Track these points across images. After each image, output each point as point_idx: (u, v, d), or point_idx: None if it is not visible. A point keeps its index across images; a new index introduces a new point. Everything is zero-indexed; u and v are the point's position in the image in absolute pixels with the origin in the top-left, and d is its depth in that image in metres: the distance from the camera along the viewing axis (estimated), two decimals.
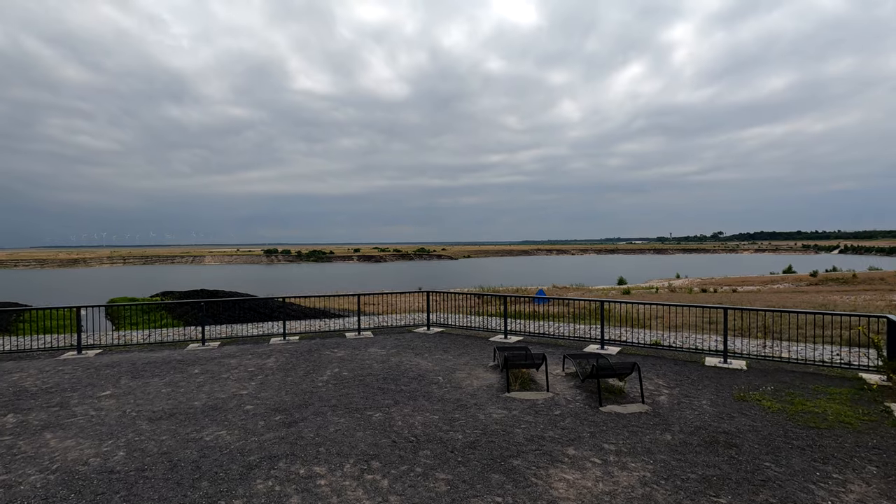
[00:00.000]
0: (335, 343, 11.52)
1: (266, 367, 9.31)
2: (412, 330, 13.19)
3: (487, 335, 12.35)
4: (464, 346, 11.11)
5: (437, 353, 10.31)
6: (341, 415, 6.60)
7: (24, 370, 9.26)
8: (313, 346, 11.24)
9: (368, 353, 10.44)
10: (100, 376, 8.78)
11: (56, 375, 8.86)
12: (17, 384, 8.32)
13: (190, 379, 8.50)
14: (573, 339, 11.38)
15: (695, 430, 5.94)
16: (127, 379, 8.57)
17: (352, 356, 10.12)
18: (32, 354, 10.77)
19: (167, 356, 10.34)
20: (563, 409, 6.76)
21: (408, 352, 10.49)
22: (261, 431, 6.04)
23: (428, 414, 6.61)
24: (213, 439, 5.81)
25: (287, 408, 6.91)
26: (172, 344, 11.78)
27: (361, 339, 11.92)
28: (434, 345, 11.22)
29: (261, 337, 12.44)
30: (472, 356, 10.04)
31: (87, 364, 9.71)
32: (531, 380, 8.06)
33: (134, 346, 11.66)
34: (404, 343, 11.43)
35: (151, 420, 6.50)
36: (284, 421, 6.38)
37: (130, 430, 6.14)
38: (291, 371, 8.96)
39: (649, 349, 10.42)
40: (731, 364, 9.06)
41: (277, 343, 11.62)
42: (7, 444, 5.79)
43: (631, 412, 6.59)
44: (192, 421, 6.44)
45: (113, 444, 5.70)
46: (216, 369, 9.16)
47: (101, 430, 6.18)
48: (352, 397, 7.36)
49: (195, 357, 10.21)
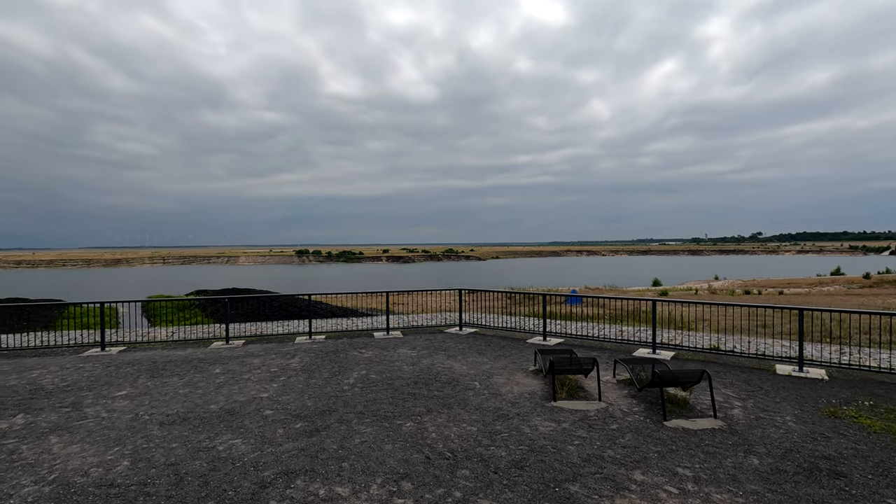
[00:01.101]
0: (363, 343, 10.89)
1: (289, 367, 8.74)
2: (443, 330, 12.45)
3: (524, 336, 11.49)
4: (500, 347, 10.29)
5: (471, 356, 9.53)
6: (368, 423, 5.90)
7: (46, 367, 8.97)
8: (340, 345, 10.63)
9: (398, 354, 9.75)
10: (119, 374, 8.38)
11: (75, 373, 8.51)
12: (36, 382, 7.99)
13: (209, 379, 7.99)
14: (619, 341, 10.41)
15: (786, 454, 4.97)
16: (145, 378, 8.13)
17: (380, 357, 9.45)
18: (58, 351, 10.55)
19: (189, 354, 9.92)
20: (621, 422, 5.87)
21: (440, 353, 9.75)
22: (279, 441, 5.40)
23: (465, 425, 5.84)
24: (227, 449, 5.20)
25: (309, 414, 6.26)
26: (196, 342, 11.40)
27: (390, 340, 11.26)
28: (467, 346, 10.44)
29: (286, 336, 11.94)
30: (510, 359, 9.22)
31: (108, 361, 9.36)
32: (579, 387, 7.19)
33: (158, 343, 11.33)
34: (435, 344, 10.69)
35: (163, 425, 5.96)
36: (305, 429, 5.73)
37: (140, 436, 5.60)
38: (316, 372, 8.35)
39: (707, 354, 9.36)
40: (808, 373, 7.94)
41: (303, 342, 11.08)
42: (10, 448, 5.33)
43: (702, 428, 5.65)
44: (206, 427, 5.87)
45: (118, 452, 5.16)
46: (238, 369, 8.64)
47: (109, 434, 5.67)
48: (380, 403, 6.66)
49: (217, 356, 9.74)
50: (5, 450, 5.28)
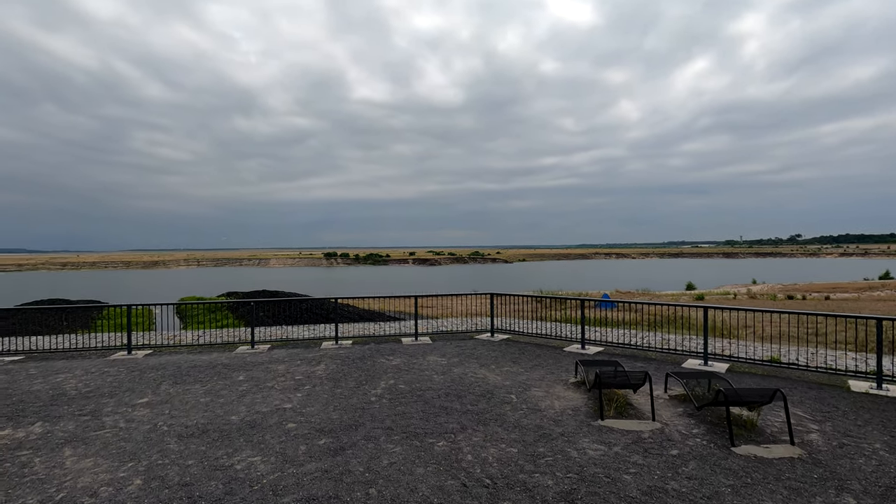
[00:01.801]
0: (390, 349, 10.44)
1: (315, 375, 8.35)
2: (474, 336, 11.89)
3: (560, 344, 10.82)
4: (535, 356, 9.66)
5: (504, 365, 8.94)
6: (397, 441, 5.40)
7: (71, 371, 8.84)
8: (367, 352, 10.21)
9: (427, 361, 9.25)
10: (142, 380, 8.14)
11: (99, 378, 8.33)
12: (59, 386, 7.82)
13: (232, 387, 7.66)
14: (665, 351, 9.63)
15: (887, 492, 4.22)
16: (168, 384, 7.86)
17: (409, 365, 8.97)
18: (86, 354, 10.46)
19: (214, 359, 9.66)
20: (681, 447, 5.19)
21: (471, 362, 9.20)
22: (301, 460, 4.95)
23: (504, 445, 5.27)
24: (245, 468, 4.78)
25: (334, 428, 5.81)
26: (222, 346, 11.17)
27: (419, 346, 10.77)
28: (500, 354, 9.86)
29: (312, 340, 11.60)
30: (547, 369, 8.60)
31: (133, 366, 9.18)
32: (628, 403, 6.52)
33: (184, 346, 11.15)
34: (466, 351, 10.15)
35: (181, 438, 5.61)
36: (330, 447, 5.27)
37: (156, 450, 5.25)
38: (342, 381, 7.92)
39: (766, 367, 8.52)
40: (888, 391, 7.05)
41: (329, 347, 10.71)
42: (23, 460, 5.05)
43: (778, 457, 4.92)
44: (226, 441, 5.48)
45: (132, 469, 4.81)
46: (261, 376, 8.30)
47: (124, 447, 5.34)
48: (410, 418, 6.16)
49: (242, 361, 9.45)
50: (18, 462, 5.01)
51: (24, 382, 8.11)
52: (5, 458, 5.10)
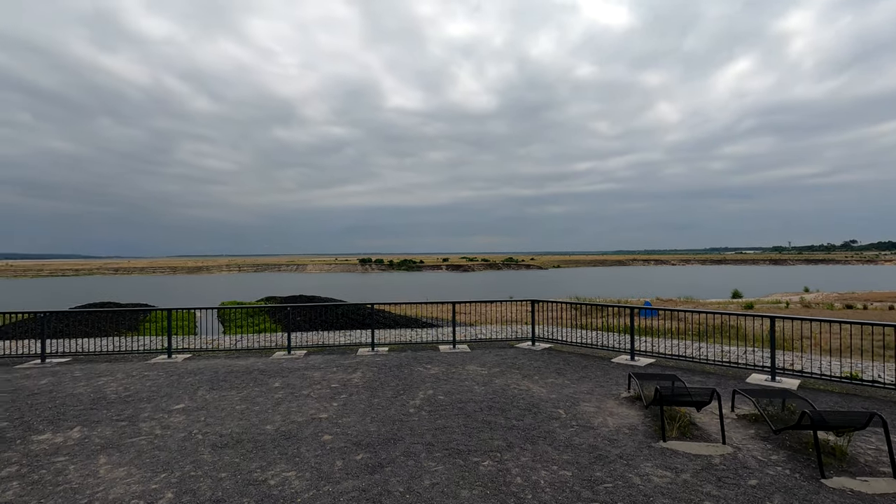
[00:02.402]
0: (428, 357, 10.08)
1: (351, 383, 8.07)
2: (514, 345, 11.40)
3: (607, 354, 10.19)
4: (581, 367, 9.10)
5: (549, 376, 8.43)
6: (439, 459, 5.01)
7: (113, 374, 8.90)
8: (404, 359, 9.89)
9: (466, 371, 8.84)
10: (180, 385, 8.08)
11: (139, 382, 8.32)
12: (101, 390, 7.84)
13: (268, 394, 7.47)
14: (724, 364, 8.86)
15: None
16: (205, 390, 7.76)
17: (447, 374, 8.58)
18: (128, 357, 10.59)
19: (251, 364, 9.56)
20: (760, 476, 4.57)
21: (513, 372, 8.73)
22: (337, 476, 4.63)
23: (555, 467, 4.79)
24: (279, 484, 4.50)
25: (372, 442, 5.48)
26: (259, 351, 11.11)
27: (457, 354, 10.37)
28: (543, 364, 9.34)
29: (348, 347, 11.39)
30: (596, 381, 8.03)
31: (172, 370, 9.17)
32: (691, 423, 5.91)
33: (222, 351, 11.14)
34: (507, 361, 9.67)
35: (215, 448, 5.40)
36: (367, 463, 4.93)
37: (189, 461, 5.05)
38: (379, 390, 7.61)
39: (844, 385, 7.66)
40: None
41: (365, 354, 10.45)
42: (58, 467, 4.95)
43: (880, 492, 4.24)
44: (260, 452, 5.23)
45: (164, 480, 4.60)
46: (297, 383, 8.09)
47: (158, 456, 5.17)
48: (451, 433, 5.76)
49: (279, 367, 9.30)
50: (53, 469, 4.90)
51: (69, 385, 8.19)
52: (42, 465, 5.01)
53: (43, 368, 9.46)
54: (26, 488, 4.49)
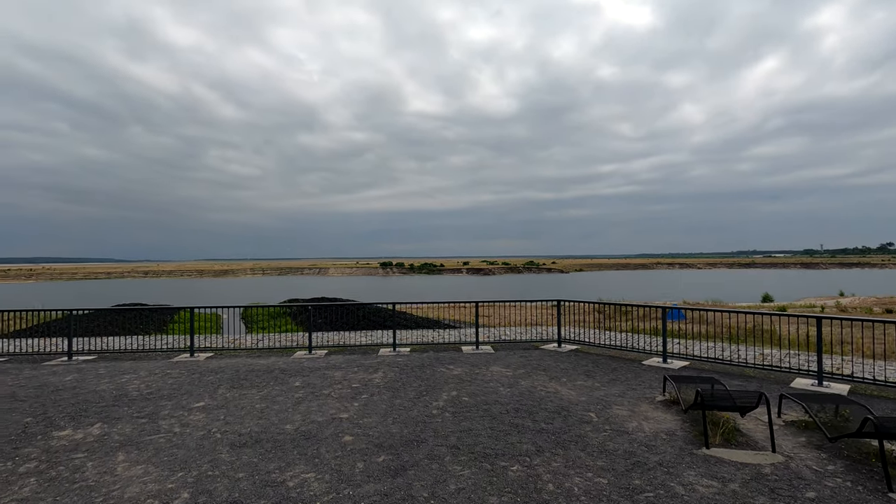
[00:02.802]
0: (450, 358, 9.82)
1: (372, 383, 7.87)
2: (539, 346, 11.04)
3: (637, 357, 9.76)
4: (610, 369, 8.71)
5: (577, 378, 8.07)
6: (465, 463, 4.74)
7: (136, 371, 8.89)
8: (426, 360, 9.65)
9: (491, 372, 8.55)
10: (201, 383, 8.00)
11: (161, 379, 8.28)
12: (123, 387, 7.81)
13: (288, 393, 7.32)
14: (766, 368, 8.35)
15: None
16: (225, 388, 7.65)
17: (471, 376, 8.31)
18: (152, 355, 10.62)
19: (271, 364, 9.45)
20: (818, 489, 4.16)
21: (539, 374, 8.40)
22: (358, 479, 4.40)
23: (590, 474, 4.47)
24: (298, 486, 4.29)
25: (394, 444, 5.24)
26: (280, 350, 11.02)
27: (481, 355, 10.08)
28: (571, 366, 8.98)
29: (369, 347, 11.21)
30: (627, 384, 7.64)
31: (193, 368, 9.13)
32: (735, 429, 5.49)
33: (244, 350, 11.09)
34: (532, 362, 9.34)
35: (234, 447, 5.24)
36: (389, 465, 4.69)
37: (207, 460, 4.90)
38: (401, 391, 7.38)
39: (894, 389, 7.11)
40: None
41: (387, 355, 10.25)
42: (76, 464, 4.85)
43: None
44: (279, 452, 5.05)
45: (181, 480, 4.45)
46: (318, 383, 7.93)
47: (176, 455, 5.03)
48: (477, 435, 5.48)
49: (299, 367, 9.17)
50: (72, 466, 4.81)
51: (93, 382, 8.20)
52: (60, 461, 4.93)
53: (69, 365, 9.53)
54: (43, 485, 4.40)
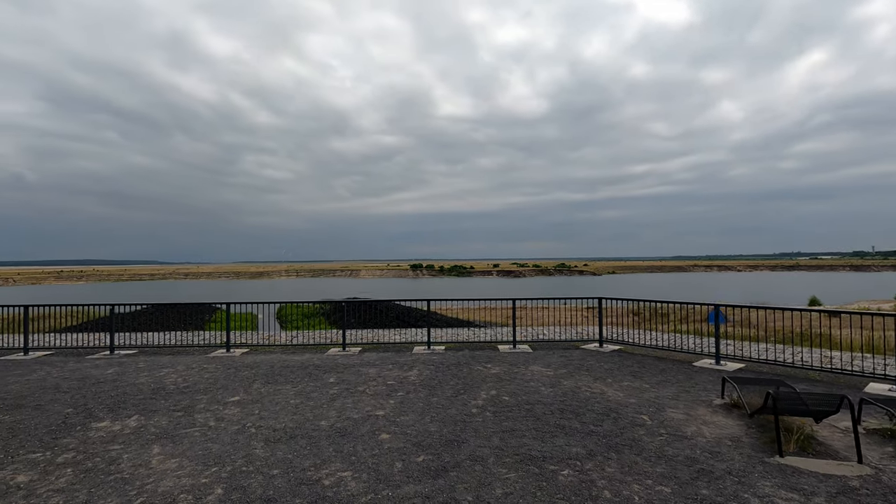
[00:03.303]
0: (486, 357, 9.48)
1: (408, 380, 7.62)
2: (579, 346, 10.56)
3: (687, 358, 9.17)
4: (658, 370, 8.18)
5: (623, 379, 7.60)
6: (510, 466, 4.40)
7: (174, 366, 8.93)
8: (461, 358, 9.34)
9: (530, 371, 8.16)
10: (236, 378, 7.94)
11: (197, 374, 8.28)
12: (161, 381, 7.82)
13: (323, 389, 7.15)
14: (834, 371, 7.64)
15: None
16: (260, 383, 7.55)
17: (510, 374, 7.95)
18: (190, 350, 10.71)
19: (306, 360, 9.34)
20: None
21: (582, 374, 7.96)
22: (397, 480, 4.13)
23: (650, 481, 4.06)
24: (334, 484, 4.06)
25: (433, 443, 4.96)
26: (314, 347, 10.93)
27: (518, 354, 9.70)
28: (615, 366, 8.49)
29: (403, 345, 10.99)
30: (679, 386, 7.12)
31: (229, 363, 9.11)
32: (809, 436, 4.95)
33: (278, 346, 11.07)
34: (574, 362, 8.90)
35: (268, 442, 5.06)
36: (429, 466, 4.41)
37: (241, 454, 4.73)
38: (437, 388, 7.10)
39: None
40: None
41: (421, 353, 10.00)
42: (112, 456, 4.77)
43: None
44: (314, 449, 4.84)
45: (215, 474, 4.29)
46: (353, 379, 7.74)
47: (211, 449, 4.89)
48: (521, 436, 5.13)
49: (333, 363, 9.02)
50: (108, 457, 4.72)
51: (132, 375, 8.26)
52: (97, 452, 4.86)
53: (110, 359, 9.69)
54: (79, 476, 4.31)
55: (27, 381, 7.93)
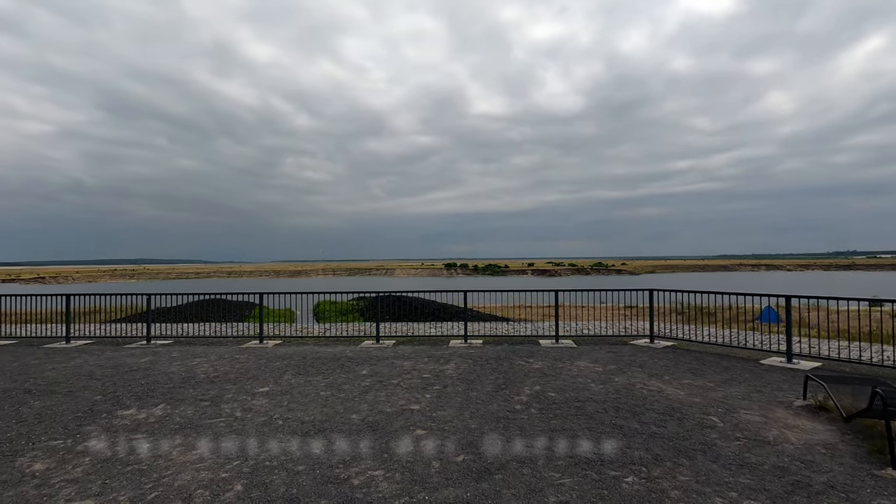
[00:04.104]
0: (528, 351, 8.88)
1: (444, 374, 7.13)
2: (628, 342, 9.80)
3: (751, 355, 8.28)
4: (721, 368, 7.38)
5: (682, 376, 6.86)
6: (563, 469, 3.83)
7: (206, 356, 8.77)
8: (501, 352, 8.78)
9: (576, 367, 7.52)
10: (267, 368, 7.67)
11: (228, 364, 8.06)
12: (192, 370, 7.64)
13: (354, 381, 6.75)
14: None
15: None
16: (291, 374, 7.24)
17: (554, 370, 7.34)
18: (224, 341, 10.60)
19: (339, 352, 9.01)
20: None
21: (635, 370, 7.26)
22: (434, 482, 3.64)
23: (734, 493, 3.41)
24: (364, 485, 3.61)
25: (473, 441, 4.44)
26: (348, 339, 10.61)
27: (562, 349, 9.05)
28: (672, 363, 7.73)
29: (439, 338, 10.52)
30: (748, 385, 6.33)
31: (261, 354, 8.87)
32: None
33: (311, 338, 10.82)
34: (624, 358, 8.18)
35: (295, 435, 4.67)
36: (470, 467, 3.89)
37: (266, 448, 4.35)
38: (476, 383, 6.58)
39: None
40: None
41: (458, 346, 9.50)
42: (133, 445, 4.49)
43: None
44: (343, 444, 4.41)
45: (236, 469, 3.92)
46: (386, 371, 7.32)
47: (234, 441, 4.54)
48: (573, 436, 4.55)
49: (367, 355, 8.64)
50: (129, 447, 4.44)
51: (165, 363, 8.13)
52: (118, 441, 4.60)
53: (146, 349, 9.65)
54: (96, 466, 4.03)
55: (64, 367, 7.91)
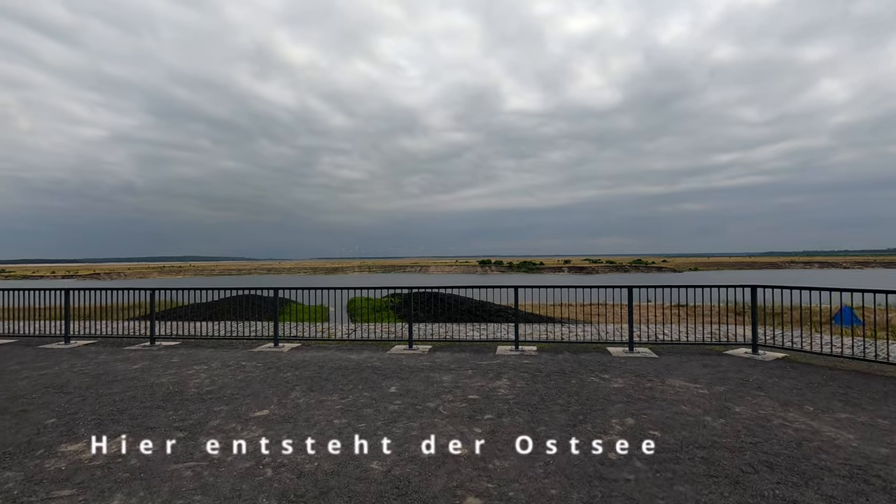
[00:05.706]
0: (597, 362, 7.06)
1: (496, 394, 5.44)
2: (723, 352, 7.82)
3: None
4: (879, 392, 5.36)
5: (831, 406, 4.90)
6: None
7: (209, 362, 7.37)
8: (564, 364, 6.99)
9: (672, 387, 5.66)
10: (274, 381, 6.17)
11: (230, 374, 6.61)
12: (185, 382, 6.22)
13: (379, 403, 5.14)
14: None
15: None
16: (300, 391, 5.70)
17: (642, 390, 5.51)
18: (234, 343, 9.26)
19: (363, 360, 7.45)
20: None
21: (755, 394, 5.34)
22: None
23: None
24: None
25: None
26: (376, 343, 9.06)
27: (640, 360, 7.18)
28: (800, 384, 5.75)
29: (483, 343, 8.82)
30: None
31: (272, 362, 7.41)
32: None
33: (334, 342, 9.33)
34: (729, 375, 6.24)
35: (283, 499, 3.09)
36: None
37: None
38: (542, 410, 4.85)
39: None
40: None
41: (508, 354, 7.78)
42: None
43: None
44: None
45: None
46: (421, 390, 5.68)
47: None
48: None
49: (397, 365, 7.04)
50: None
51: (157, 372, 6.77)
52: (30, 503, 3.13)
53: (147, 351, 8.39)
54: None
55: (41, 375, 6.67)
